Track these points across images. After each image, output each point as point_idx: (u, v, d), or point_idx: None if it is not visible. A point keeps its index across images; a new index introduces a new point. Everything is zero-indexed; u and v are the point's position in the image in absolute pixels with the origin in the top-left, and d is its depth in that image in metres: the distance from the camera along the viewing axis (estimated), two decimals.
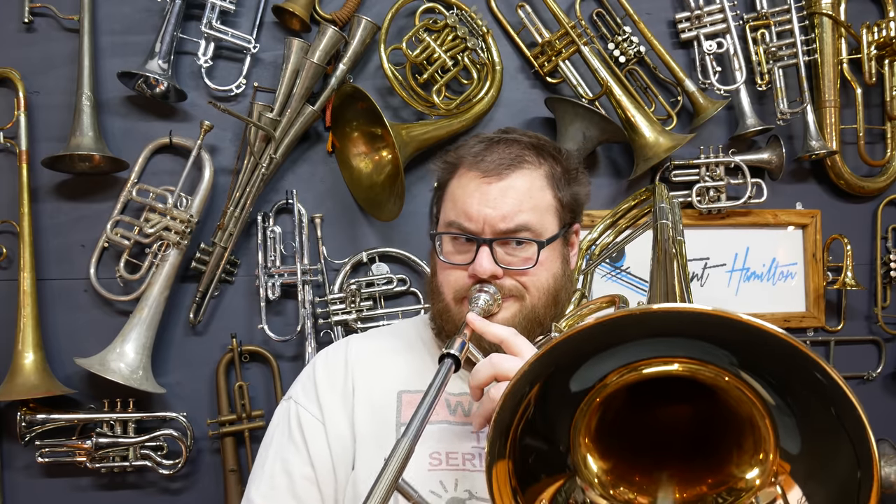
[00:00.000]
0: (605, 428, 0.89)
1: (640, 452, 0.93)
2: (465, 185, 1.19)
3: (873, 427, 0.68)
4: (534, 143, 1.23)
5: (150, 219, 1.78)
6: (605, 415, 0.89)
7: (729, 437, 0.87)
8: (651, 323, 0.76)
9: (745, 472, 0.84)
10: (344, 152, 1.91)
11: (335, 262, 1.91)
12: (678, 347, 0.80)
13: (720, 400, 0.85)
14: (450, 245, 1.21)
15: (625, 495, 0.88)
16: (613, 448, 0.90)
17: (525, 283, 1.17)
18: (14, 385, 1.69)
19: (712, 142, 2.05)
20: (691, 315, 0.72)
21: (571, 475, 0.87)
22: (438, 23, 1.86)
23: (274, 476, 1.20)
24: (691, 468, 0.90)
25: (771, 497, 0.81)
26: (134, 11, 1.86)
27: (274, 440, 1.24)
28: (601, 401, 0.86)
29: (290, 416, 1.24)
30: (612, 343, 0.80)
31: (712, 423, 0.90)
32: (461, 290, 1.18)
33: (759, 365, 0.77)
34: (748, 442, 0.84)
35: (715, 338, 0.77)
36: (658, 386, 0.86)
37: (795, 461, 0.79)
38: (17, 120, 1.78)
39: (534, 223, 1.16)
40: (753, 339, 0.70)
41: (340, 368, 1.26)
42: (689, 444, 0.94)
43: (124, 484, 1.83)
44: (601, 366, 0.83)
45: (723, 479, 0.86)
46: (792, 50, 2.02)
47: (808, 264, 2.12)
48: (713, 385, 0.83)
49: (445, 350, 1.01)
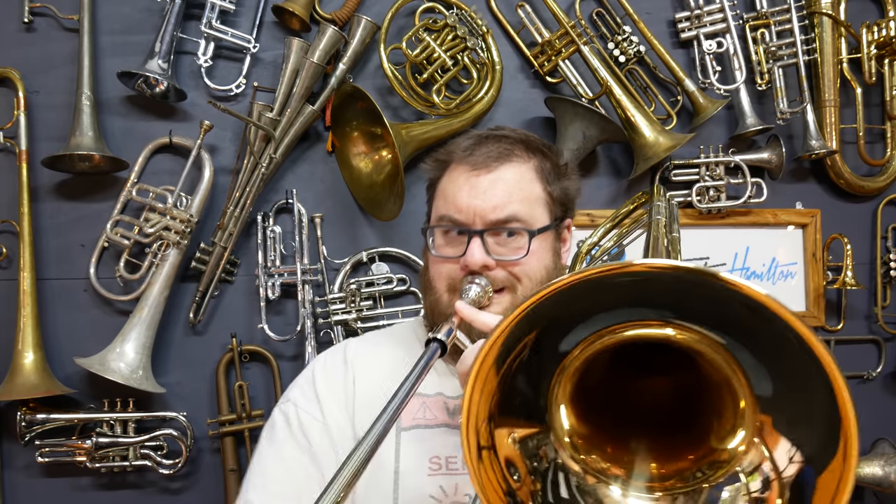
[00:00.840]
0: (583, 395, 0.91)
1: (618, 424, 0.94)
2: (455, 180, 1.19)
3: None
4: (522, 139, 1.24)
5: (150, 218, 1.78)
6: (583, 381, 0.90)
7: (709, 408, 0.88)
8: (603, 288, 0.78)
9: (727, 442, 0.85)
10: (344, 152, 1.91)
11: (335, 262, 1.91)
12: (646, 308, 0.82)
13: (699, 369, 0.86)
14: (441, 238, 1.21)
15: (597, 463, 0.89)
16: (590, 417, 0.91)
17: (517, 274, 1.17)
18: (14, 385, 1.69)
19: (712, 141, 2.05)
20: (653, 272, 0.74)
21: (546, 430, 0.89)
22: (438, 22, 1.86)
23: (275, 479, 1.19)
24: (671, 443, 0.91)
25: (757, 462, 0.81)
26: (134, 11, 1.86)
27: (274, 442, 1.23)
28: (580, 364, 0.87)
29: (289, 418, 1.22)
30: (598, 305, 0.82)
31: (693, 396, 0.91)
32: (453, 283, 1.18)
33: (693, 309, 0.79)
34: (727, 407, 0.84)
35: (650, 298, 0.79)
36: (638, 357, 0.87)
37: (773, 408, 0.79)
38: (17, 120, 1.78)
39: (524, 214, 1.16)
40: (681, 285, 0.72)
41: (339, 370, 1.26)
42: (670, 419, 0.95)
43: (124, 484, 1.83)
44: (585, 329, 0.84)
45: (704, 454, 0.87)
46: (792, 49, 2.02)
47: (808, 264, 2.12)
48: (689, 349, 0.84)
49: (432, 335, 0.99)
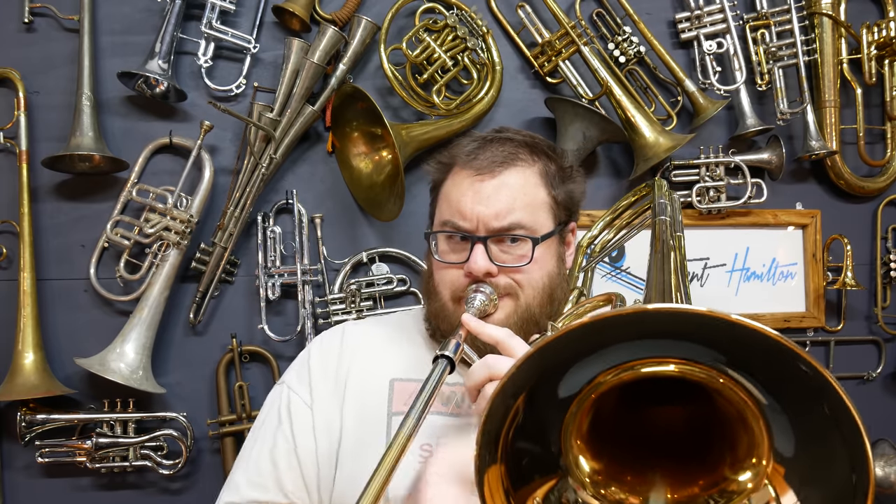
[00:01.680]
0: (598, 429, 0.90)
1: (632, 453, 0.93)
2: (459, 184, 1.19)
3: (873, 427, 0.68)
4: (527, 142, 1.23)
5: (150, 219, 1.78)
6: (598, 415, 0.89)
7: (722, 438, 0.87)
8: (643, 323, 0.76)
9: (739, 474, 0.84)
10: (344, 152, 1.91)
11: (335, 262, 1.91)
12: (670, 348, 0.80)
13: (714, 402, 0.85)
14: (445, 244, 1.21)
15: (616, 495, 0.89)
16: (606, 449, 0.91)
17: (519, 281, 1.17)
18: (14, 385, 1.69)
19: (712, 142, 2.05)
20: (683, 315, 0.73)
21: (563, 475, 0.88)
22: (438, 23, 1.86)
23: (260, 461, 1.20)
24: (684, 469, 0.91)
25: (765, 499, 0.81)
26: (134, 11, 1.86)
27: (264, 424, 1.25)
28: (594, 401, 0.86)
29: (280, 400, 1.25)
30: (605, 343, 0.81)
31: (706, 425, 0.90)
32: (458, 290, 1.18)
33: (749, 363, 0.77)
34: (742, 444, 0.84)
35: (705, 337, 0.77)
36: (651, 388, 0.86)
37: (790, 464, 0.79)
38: (17, 120, 1.78)
39: (528, 220, 1.16)
40: (741, 337, 0.70)
41: (335, 354, 1.27)
42: (683, 446, 0.94)
43: (124, 484, 1.83)
44: (593, 366, 0.83)
45: (715, 481, 0.86)
46: (792, 50, 2.02)
47: (808, 264, 2.12)
48: (706, 385, 0.83)
49: (440, 351, 1.00)
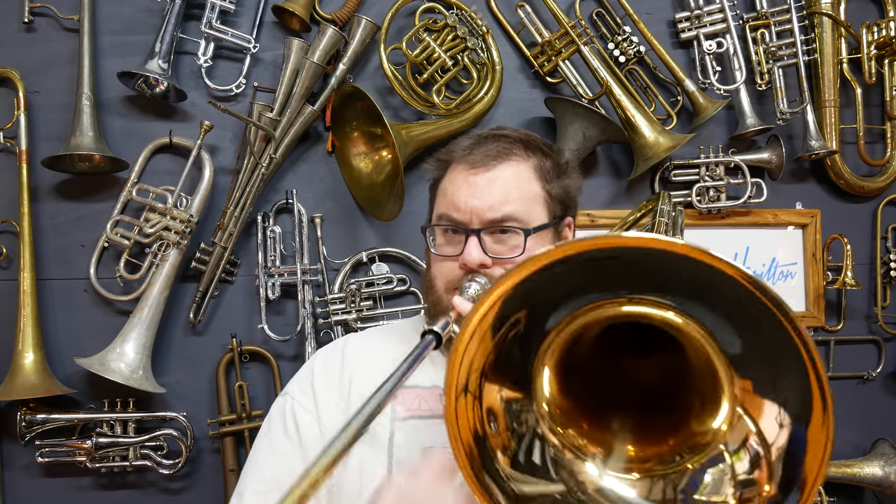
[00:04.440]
0: (569, 368, 0.93)
1: (600, 403, 0.96)
2: (454, 179, 1.21)
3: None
4: (522, 138, 1.25)
5: (150, 219, 1.78)
6: (571, 356, 0.92)
7: (691, 390, 0.90)
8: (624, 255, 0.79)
9: (709, 422, 0.86)
10: (344, 152, 1.91)
11: (335, 262, 1.91)
12: (643, 277, 0.83)
13: (685, 356, 0.88)
14: (441, 237, 1.23)
15: (575, 439, 0.92)
16: (572, 391, 0.93)
17: None
18: (14, 385, 1.69)
19: (712, 142, 2.05)
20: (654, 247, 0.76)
21: (528, 398, 0.91)
22: (438, 23, 1.86)
23: (267, 472, 1.20)
24: (651, 425, 0.93)
25: (742, 437, 0.82)
26: (134, 11, 1.86)
27: (269, 434, 1.25)
28: (571, 334, 0.89)
29: (285, 411, 1.25)
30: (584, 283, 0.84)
31: (678, 381, 0.93)
32: (453, 281, 1.19)
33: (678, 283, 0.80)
34: (708, 385, 0.85)
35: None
36: (627, 341, 0.89)
37: (750, 369, 0.80)
38: (17, 120, 1.78)
39: (521, 213, 1.17)
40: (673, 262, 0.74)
41: (338, 365, 1.27)
42: (652, 402, 0.97)
43: (124, 484, 1.83)
44: (573, 303, 0.86)
45: (684, 437, 0.89)
46: (792, 50, 2.02)
47: (807, 264, 2.12)
48: (673, 333, 0.85)
49: (427, 326, 0.97)
